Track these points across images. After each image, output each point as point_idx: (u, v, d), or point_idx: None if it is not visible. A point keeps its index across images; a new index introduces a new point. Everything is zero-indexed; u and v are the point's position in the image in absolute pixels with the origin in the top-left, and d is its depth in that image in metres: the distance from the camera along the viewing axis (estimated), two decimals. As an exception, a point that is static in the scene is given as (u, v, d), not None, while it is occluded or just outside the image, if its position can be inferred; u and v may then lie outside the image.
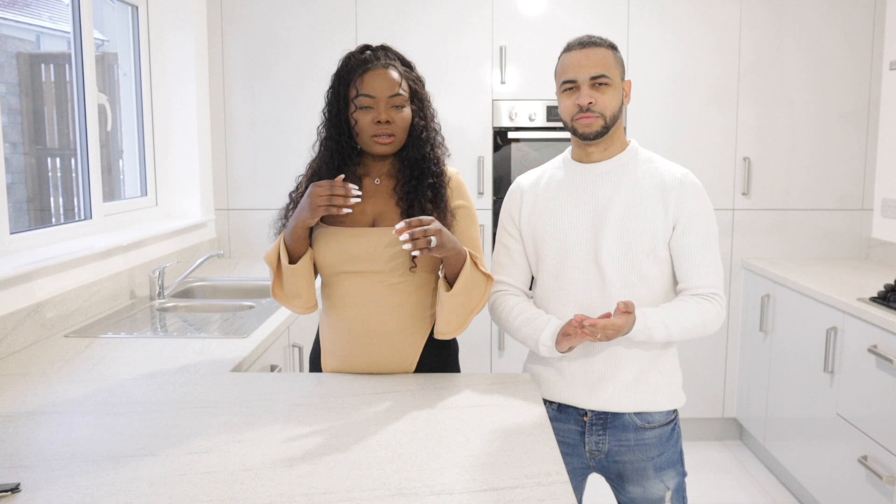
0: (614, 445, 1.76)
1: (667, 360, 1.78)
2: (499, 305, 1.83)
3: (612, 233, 1.70)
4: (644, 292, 1.72)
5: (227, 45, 3.63)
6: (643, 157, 1.79)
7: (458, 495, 1.20)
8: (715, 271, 1.73)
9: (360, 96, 1.71)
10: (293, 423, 1.49)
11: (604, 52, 1.71)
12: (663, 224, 1.71)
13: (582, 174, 1.78)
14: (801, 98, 3.67)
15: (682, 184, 1.73)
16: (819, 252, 3.76)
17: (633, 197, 1.72)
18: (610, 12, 3.61)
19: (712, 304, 1.71)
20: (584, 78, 1.69)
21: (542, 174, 1.86)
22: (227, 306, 2.74)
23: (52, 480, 1.25)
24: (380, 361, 1.79)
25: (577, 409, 1.78)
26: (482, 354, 3.75)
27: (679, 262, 1.73)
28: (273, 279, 1.78)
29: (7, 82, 2.52)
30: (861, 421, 2.65)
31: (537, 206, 1.80)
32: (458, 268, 1.69)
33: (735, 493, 3.29)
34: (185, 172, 3.51)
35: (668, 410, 1.79)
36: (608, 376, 1.74)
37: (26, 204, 2.65)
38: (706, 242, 1.72)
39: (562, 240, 1.75)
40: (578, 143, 1.78)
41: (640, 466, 1.77)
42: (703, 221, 1.73)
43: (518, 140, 3.68)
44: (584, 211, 1.74)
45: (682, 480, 1.81)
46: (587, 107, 1.68)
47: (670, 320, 1.67)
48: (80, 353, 2.07)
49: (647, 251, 1.71)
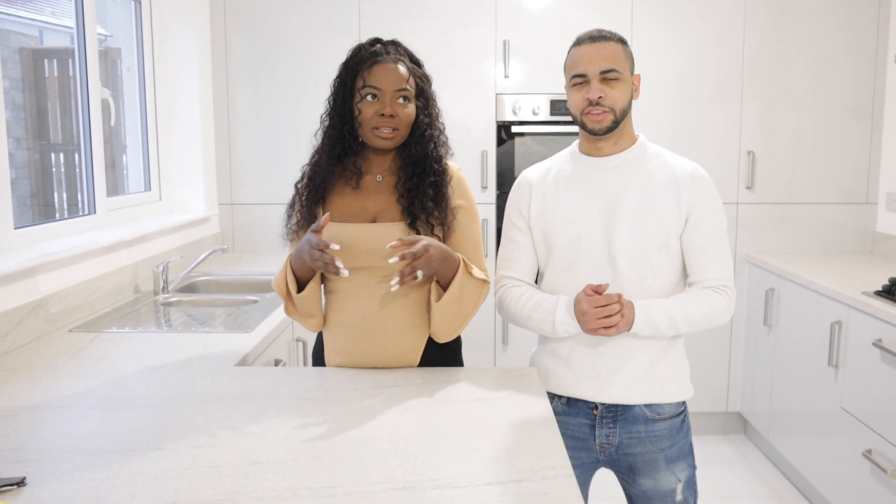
0: (625, 438, 1.77)
1: (675, 351, 1.79)
2: (506, 298, 1.83)
3: (625, 226, 1.71)
4: (655, 284, 1.73)
5: (230, 39, 3.62)
6: (652, 152, 1.79)
7: (462, 489, 1.20)
8: (725, 264, 1.75)
9: (367, 87, 1.71)
10: (297, 417, 1.49)
11: (614, 46, 1.71)
12: (676, 218, 1.72)
13: (592, 167, 1.78)
14: (806, 92, 3.66)
15: (693, 178, 1.74)
16: (823, 246, 3.75)
17: (646, 191, 1.72)
18: (613, 6, 3.59)
19: (721, 295, 1.73)
20: (594, 72, 1.68)
21: (549, 167, 1.85)
22: (231, 301, 2.74)
23: (58, 474, 1.25)
24: (383, 356, 1.79)
25: (586, 403, 1.78)
26: (486, 349, 3.75)
27: (690, 256, 1.74)
28: (285, 303, 1.81)
29: (10, 77, 2.52)
30: (865, 415, 2.65)
31: (547, 199, 1.80)
32: (451, 275, 1.69)
33: (739, 487, 3.28)
34: (189, 167, 3.51)
35: (678, 402, 1.79)
36: (618, 369, 1.74)
37: (30, 199, 2.66)
38: (716, 236, 1.74)
39: (574, 233, 1.75)
40: (587, 137, 1.77)
41: (651, 458, 1.77)
42: (714, 215, 1.74)
43: (522, 134, 3.68)
44: (596, 204, 1.74)
45: (692, 473, 1.81)
46: (597, 101, 1.68)
47: (675, 311, 1.68)
48: (84, 347, 2.07)
49: (659, 244, 1.71)
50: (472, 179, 3.62)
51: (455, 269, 1.69)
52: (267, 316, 2.40)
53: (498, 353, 3.76)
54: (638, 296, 1.71)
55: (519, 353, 3.72)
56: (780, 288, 3.36)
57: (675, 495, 1.78)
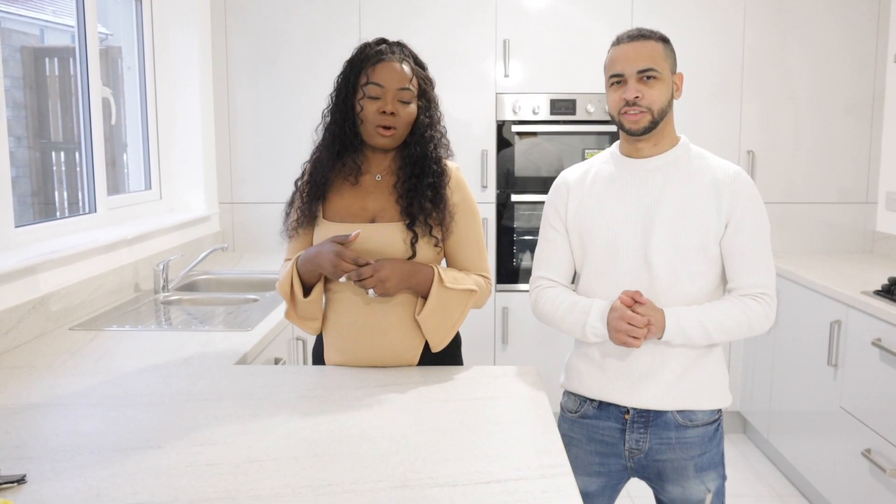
0: (655, 444, 1.72)
1: (712, 358, 1.73)
2: (541, 299, 1.79)
3: (663, 229, 1.67)
4: (691, 289, 1.68)
5: (230, 38, 3.63)
6: (695, 153, 1.75)
7: (461, 487, 1.20)
8: (766, 271, 1.68)
9: (370, 84, 1.72)
10: (297, 416, 1.50)
11: (653, 45, 1.67)
12: (716, 222, 1.67)
13: (631, 169, 1.73)
14: (805, 91, 3.66)
15: (735, 181, 1.69)
16: (823, 245, 3.75)
17: (685, 193, 1.68)
18: (614, 5, 3.59)
19: (759, 303, 1.67)
20: (632, 71, 1.65)
21: (588, 168, 1.81)
22: (231, 299, 2.75)
23: (58, 472, 1.25)
24: (382, 355, 1.80)
25: (618, 407, 1.74)
26: (486, 348, 3.76)
27: (729, 261, 1.69)
28: (287, 305, 1.82)
29: (11, 76, 2.52)
30: (865, 414, 2.65)
31: (585, 200, 1.76)
32: (427, 291, 1.72)
33: (739, 487, 3.29)
34: (189, 166, 3.51)
35: (713, 410, 1.74)
36: (651, 374, 1.70)
37: (31, 197, 2.66)
38: (758, 241, 1.68)
39: (611, 235, 1.71)
40: (627, 138, 1.74)
41: (681, 466, 1.73)
42: (756, 220, 1.69)
43: (522, 133, 3.68)
44: (635, 206, 1.70)
45: (722, 484, 1.77)
46: (633, 101, 1.64)
47: (707, 320, 1.64)
48: (85, 345, 2.08)
49: (697, 248, 1.67)
50: (472, 179, 3.62)
51: (430, 282, 1.72)
52: (267, 315, 2.40)
53: (498, 352, 3.77)
54: (673, 300, 1.67)
55: (519, 353, 3.73)
56: (780, 287, 3.36)
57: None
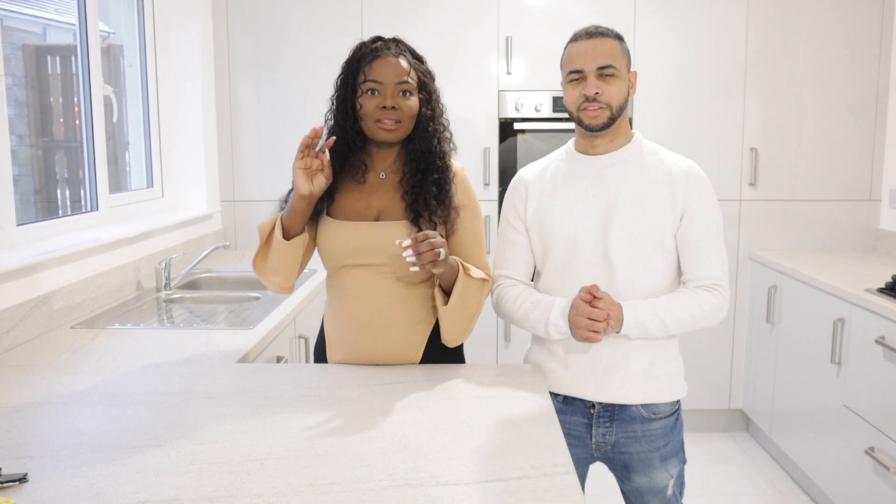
0: (621, 437, 1.77)
1: (671, 350, 1.79)
2: (503, 297, 1.82)
3: (621, 225, 1.70)
4: (651, 283, 1.72)
5: (232, 36, 3.62)
6: (648, 149, 1.78)
7: (463, 486, 1.20)
8: (718, 263, 1.72)
9: (368, 81, 1.71)
10: (299, 414, 1.50)
11: (611, 42, 1.70)
12: (671, 216, 1.71)
13: (587, 166, 1.77)
14: (809, 88, 3.65)
15: (688, 175, 1.73)
16: (826, 243, 3.74)
17: (641, 189, 1.71)
18: (616, 2, 3.58)
19: (713, 295, 1.70)
20: (591, 68, 1.68)
21: (545, 167, 1.85)
22: (233, 297, 2.75)
23: (59, 471, 1.25)
24: (384, 353, 1.79)
25: (583, 402, 1.78)
26: (488, 346, 3.75)
27: (684, 254, 1.73)
28: (258, 249, 1.77)
29: (13, 74, 2.52)
30: (868, 412, 2.64)
31: (543, 199, 1.79)
32: (453, 280, 1.70)
33: (741, 485, 3.28)
34: (191, 164, 3.51)
35: (673, 401, 1.80)
36: (615, 368, 1.73)
37: (33, 196, 2.66)
38: (711, 234, 1.72)
39: (571, 233, 1.74)
40: (584, 135, 1.77)
41: (647, 457, 1.77)
42: (709, 213, 1.73)
43: (524, 131, 3.67)
44: (592, 203, 1.73)
45: (682, 468, 1.83)
46: (593, 97, 1.67)
47: (664, 313, 1.67)
48: (86, 344, 2.08)
49: (655, 243, 1.70)
50: (474, 176, 3.62)
51: (456, 272, 1.70)
52: (269, 313, 2.40)
53: (500, 350, 3.76)
54: (633, 295, 1.70)
55: (521, 351, 3.70)
56: (783, 285, 3.35)
57: (667, 490, 1.80)
